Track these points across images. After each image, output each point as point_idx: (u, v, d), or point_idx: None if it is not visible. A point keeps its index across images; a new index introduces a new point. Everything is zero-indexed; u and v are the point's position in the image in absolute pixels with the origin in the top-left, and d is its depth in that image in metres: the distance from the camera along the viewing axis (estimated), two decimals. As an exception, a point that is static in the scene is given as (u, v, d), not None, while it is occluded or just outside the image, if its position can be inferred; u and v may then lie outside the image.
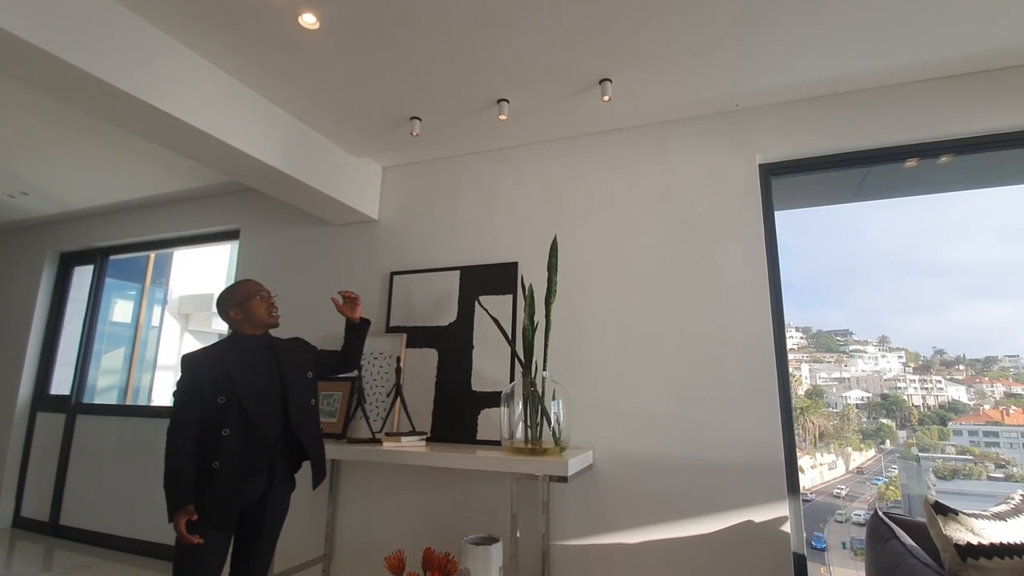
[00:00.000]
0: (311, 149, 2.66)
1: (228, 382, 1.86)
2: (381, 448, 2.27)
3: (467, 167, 2.97)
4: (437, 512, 2.62)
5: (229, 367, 1.88)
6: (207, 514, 1.76)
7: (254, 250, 3.47)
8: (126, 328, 4.80)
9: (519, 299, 2.66)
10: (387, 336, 2.84)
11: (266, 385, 1.93)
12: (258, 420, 1.86)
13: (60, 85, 1.81)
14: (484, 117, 2.54)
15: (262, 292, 2.06)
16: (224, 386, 1.85)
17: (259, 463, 1.88)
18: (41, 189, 3.71)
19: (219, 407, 1.83)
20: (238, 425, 1.83)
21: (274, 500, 1.95)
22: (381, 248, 3.09)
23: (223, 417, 1.83)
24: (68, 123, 2.75)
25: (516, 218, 2.79)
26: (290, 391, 1.96)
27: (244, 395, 1.85)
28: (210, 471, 1.79)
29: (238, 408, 1.84)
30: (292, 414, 1.94)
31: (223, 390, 1.85)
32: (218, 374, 1.87)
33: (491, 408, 2.57)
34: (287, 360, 2.03)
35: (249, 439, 1.84)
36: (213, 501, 1.78)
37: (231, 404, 1.84)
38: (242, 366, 1.91)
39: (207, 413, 1.83)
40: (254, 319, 2.01)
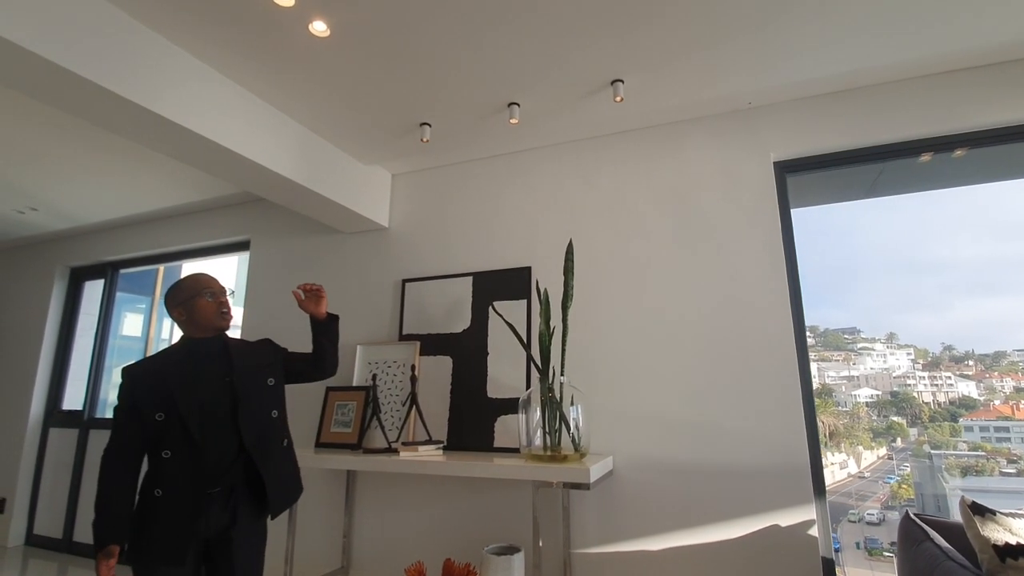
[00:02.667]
0: (321, 158, 2.65)
1: (167, 395, 1.60)
2: (398, 458, 2.24)
3: (478, 172, 2.95)
4: (455, 521, 2.58)
5: (168, 378, 1.62)
6: (151, 550, 1.53)
7: (264, 261, 3.46)
8: (136, 342, 4.79)
9: (534, 304, 2.64)
10: (401, 344, 2.82)
11: (213, 397, 1.64)
12: (204, 438, 1.59)
13: (71, 98, 1.80)
14: (494, 121, 2.52)
15: (211, 288, 1.75)
16: (162, 400, 1.59)
17: (211, 488, 1.59)
18: (51, 205, 3.72)
19: (158, 425, 1.58)
20: (180, 445, 1.58)
21: (241, 532, 1.65)
22: (392, 256, 3.07)
23: (163, 437, 1.58)
24: (76, 138, 2.76)
25: (528, 222, 2.77)
26: (242, 401, 1.67)
27: (184, 410, 1.58)
28: (152, 499, 1.55)
29: (179, 425, 1.58)
30: (244, 429, 1.65)
31: (161, 405, 1.59)
32: (156, 387, 1.61)
33: (508, 415, 2.54)
34: (242, 365, 1.73)
35: (195, 461, 1.58)
36: (158, 534, 1.53)
37: (171, 421, 1.58)
38: (184, 376, 1.64)
39: (146, 433, 1.60)
40: (200, 320, 1.72)
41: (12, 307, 4.54)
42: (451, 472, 2.12)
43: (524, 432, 2.19)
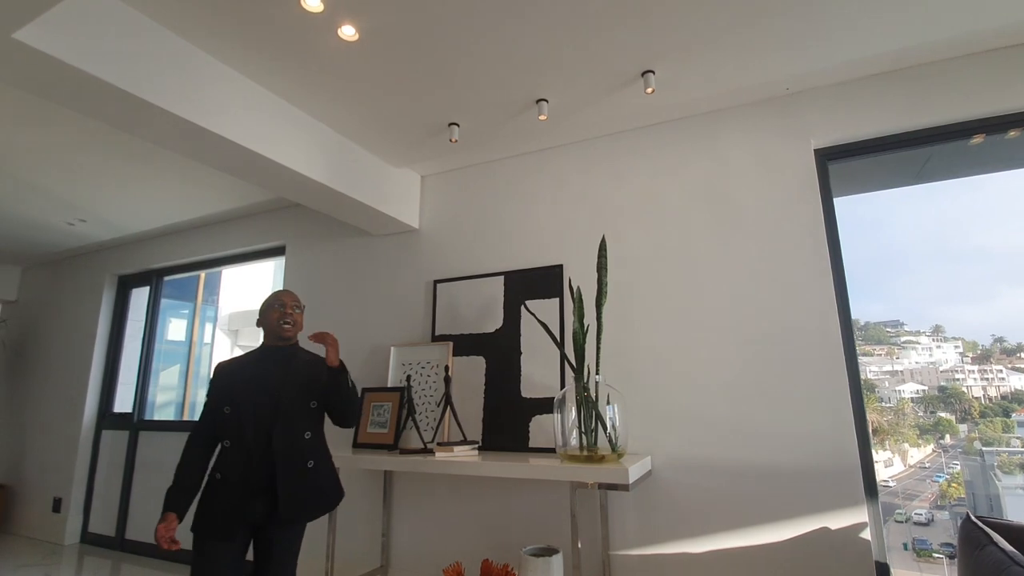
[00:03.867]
0: (352, 162, 2.68)
1: (234, 392, 1.81)
2: (434, 458, 2.24)
3: (507, 171, 2.94)
4: (491, 522, 2.57)
5: (238, 377, 1.84)
6: (208, 525, 1.71)
7: (299, 265, 3.53)
8: (181, 346, 4.97)
9: (566, 302, 2.61)
10: (434, 345, 2.83)
11: (264, 400, 1.81)
12: (253, 436, 1.76)
13: (116, 112, 1.87)
14: (523, 119, 2.50)
15: (282, 300, 1.96)
16: (229, 396, 1.80)
17: (257, 480, 1.75)
18: (98, 216, 3.88)
19: (224, 417, 1.79)
20: (236, 438, 1.76)
21: (280, 524, 1.79)
22: (423, 257, 3.09)
23: (225, 428, 1.79)
24: (122, 151, 2.87)
25: (559, 220, 2.74)
26: (281, 414, 1.81)
27: (241, 407, 1.78)
28: (214, 481, 1.76)
29: (236, 420, 1.77)
30: (275, 440, 1.77)
31: (228, 400, 1.80)
32: (228, 384, 1.83)
33: (543, 415, 2.51)
34: (291, 379, 1.87)
35: (245, 453, 1.75)
36: (216, 511, 1.72)
37: (233, 415, 1.78)
38: (249, 378, 1.84)
39: (217, 422, 1.81)
40: (268, 329, 1.95)
41: (65, 314, 4.76)
42: (487, 473, 2.11)
43: (560, 432, 2.16)
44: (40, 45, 1.49)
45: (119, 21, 1.72)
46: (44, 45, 1.50)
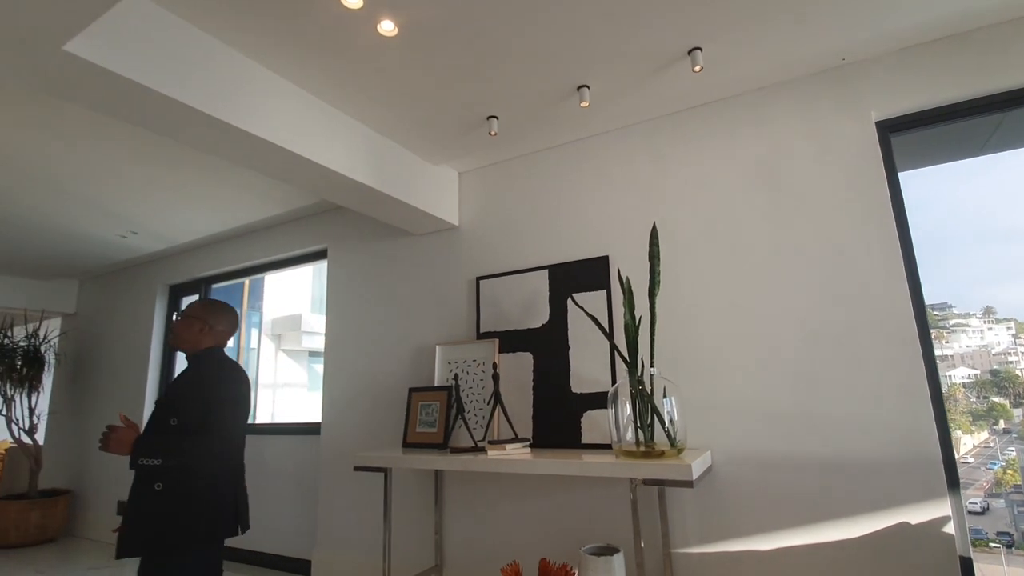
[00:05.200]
0: (392, 161, 2.67)
1: None
2: (486, 457, 2.21)
3: (547, 162, 2.88)
4: (545, 520, 2.53)
5: None
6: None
7: (341, 267, 3.56)
8: (229, 352, 5.09)
9: (614, 294, 2.53)
10: (479, 343, 2.80)
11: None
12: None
13: (163, 119, 1.89)
14: (564, 107, 2.44)
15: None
16: None
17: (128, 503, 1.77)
18: (149, 228, 4.02)
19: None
20: None
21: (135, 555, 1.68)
22: (464, 254, 3.06)
23: None
24: (169, 163, 2.94)
25: (604, 210, 2.67)
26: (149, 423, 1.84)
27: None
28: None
29: None
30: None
31: None
32: None
33: (594, 410, 2.45)
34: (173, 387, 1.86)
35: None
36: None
37: None
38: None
39: None
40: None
41: (121, 325, 4.96)
42: (542, 471, 2.06)
43: (614, 428, 2.09)
44: (90, 56, 1.52)
45: (163, 28, 1.73)
46: (93, 56, 1.52)
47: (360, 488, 3.16)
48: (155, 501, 1.67)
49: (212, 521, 1.73)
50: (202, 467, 1.73)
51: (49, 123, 2.49)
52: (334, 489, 3.27)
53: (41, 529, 4.44)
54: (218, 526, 1.75)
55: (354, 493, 3.18)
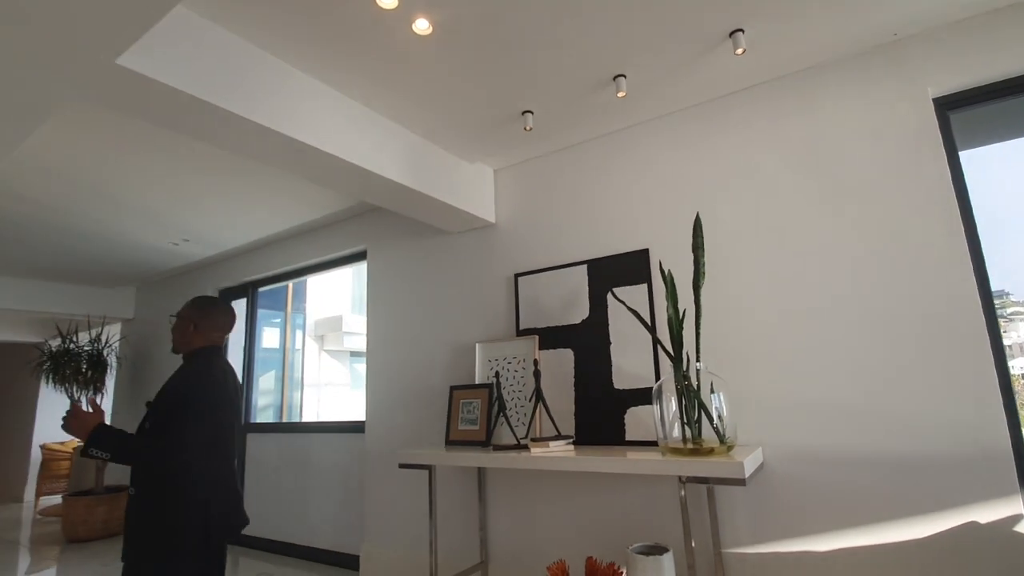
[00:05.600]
0: (427, 160, 2.70)
1: None
2: (529, 455, 2.21)
3: (583, 156, 2.85)
4: (589, 517, 2.51)
5: None
6: None
7: (381, 268, 3.62)
8: (275, 352, 5.27)
9: (655, 287, 2.48)
10: (519, 340, 2.80)
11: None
12: None
13: (209, 128, 1.96)
14: (600, 98, 2.40)
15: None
16: None
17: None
18: (200, 235, 4.18)
19: None
20: None
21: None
22: (502, 251, 3.06)
23: None
24: (217, 172, 3.05)
25: (643, 202, 2.62)
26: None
27: None
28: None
29: None
30: None
31: None
32: None
33: (638, 406, 2.41)
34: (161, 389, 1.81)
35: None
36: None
37: None
38: None
39: None
40: None
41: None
42: (587, 468, 2.04)
43: (660, 424, 2.05)
44: (141, 69, 1.58)
45: (207, 39, 1.79)
46: (144, 68, 1.59)
47: (405, 484, 3.21)
48: (131, 506, 1.66)
49: (185, 529, 1.63)
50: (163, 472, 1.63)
51: (105, 137, 2.62)
52: (380, 486, 3.33)
53: (107, 524, 4.69)
54: (184, 534, 1.63)
55: (399, 489, 3.23)
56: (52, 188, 3.19)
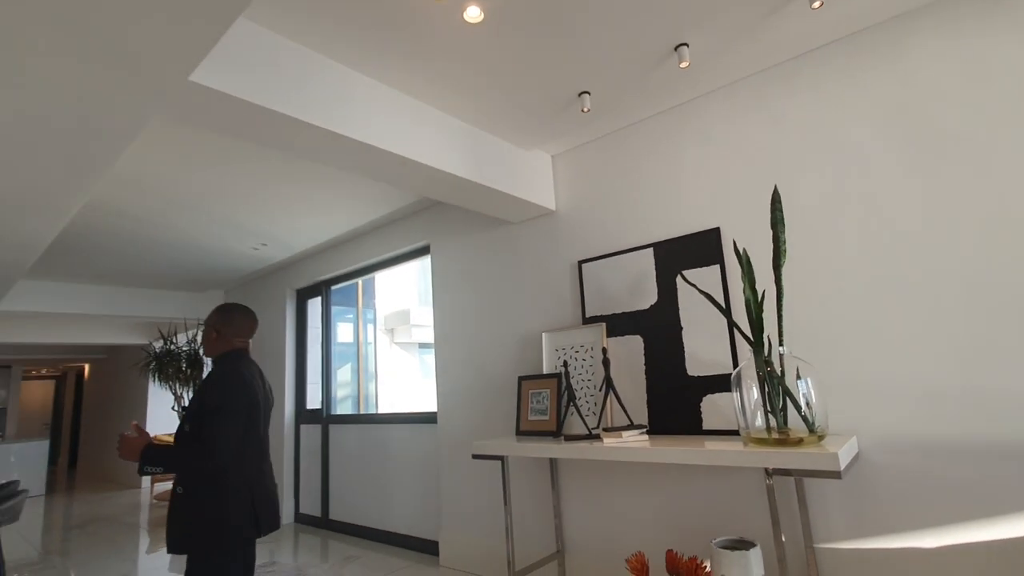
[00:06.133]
0: (485, 151, 2.68)
1: None
2: (602, 445, 2.16)
3: (644, 134, 2.73)
4: (665, 509, 2.43)
5: None
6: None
7: (444, 262, 3.67)
8: (350, 347, 5.49)
9: (729, 268, 2.35)
10: (585, 328, 2.74)
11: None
12: None
13: (280, 136, 2.04)
14: (661, 71, 2.28)
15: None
16: None
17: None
18: (277, 239, 4.42)
19: None
20: None
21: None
22: (563, 239, 3.01)
23: None
24: (289, 179, 3.19)
25: (711, 178, 2.47)
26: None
27: None
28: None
29: None
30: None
31: None
32: None
33: (715, 394, 2.30)
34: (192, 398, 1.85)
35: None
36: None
37: None
38: None
39: None
40: None
41: (261, 325, 5.54)
42: (663, 459, 1.97)
43: (741, 412, 1.94)
44: (213, 84, 1.66)
45: (265, 47, 1.84)
46: (214, 83, 1.66)
47: (479, 473, 3.26)
48: (179, 503, 1.77)
49: (224, 523, 1.74)
50: (206, 472, 1.75)
51: (191, 153, 2.81)
52: (454, 474, 3.40)
53: (213, 507, 5.09)
54: (230, 529, 1.75)
55: (473, 478, 3.29)
56: (147, 203, 3.46)
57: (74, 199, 2.38)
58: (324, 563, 3.62)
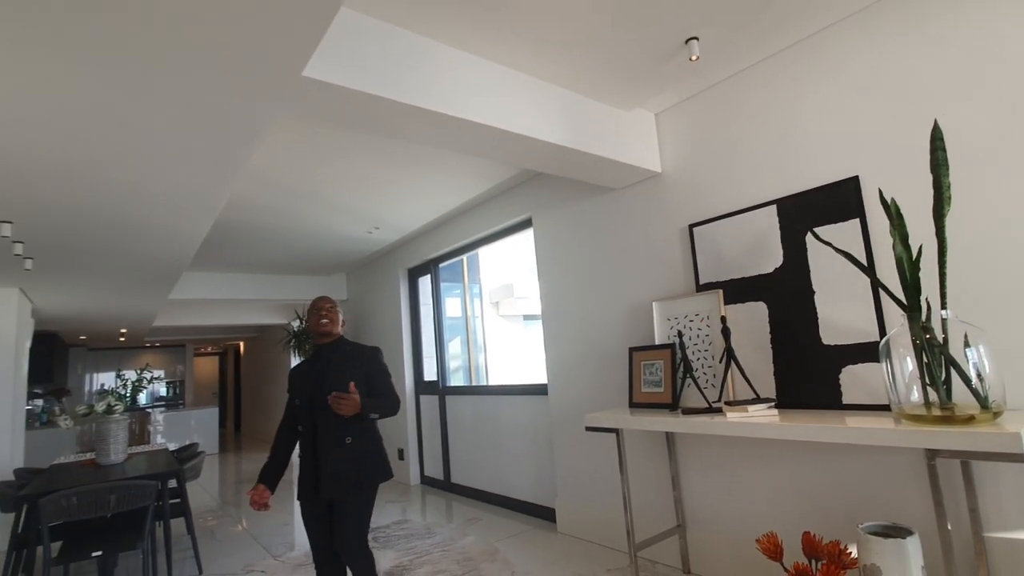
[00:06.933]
0: (585, 116, 2.57)
1: (297, 387, 2.17)
2: (725, 420, 2.03)
3: (761, 78, 2.45)
4: (797, 488, 2.24)
5: (300, 375, 2.19)
6: (298, 490, 2.11)
7: (547, 234, 3.64)
8: (459, 321, 5.70)
9: (871, 222, 2.06)
10: (699, 296, 2.58)
11: (313, 393, 2.11)
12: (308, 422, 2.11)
13: (389, 122, 2.10)
14: (781, 3, 2.01)
15: (318, 305, 2.21)
16: (295, 391, 2.17)
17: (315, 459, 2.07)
18: (388, 222, 4.67)
19: (295, 408, 2.17)
20: (304, 423, 2.12)
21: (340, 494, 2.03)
22: (671, 202, 2.83)
23: (297, 417, 2.16)
24: (395, 163, 3.32)
25: (845, 119, 2.16)
26: (323, 392, 2.08)
27: (301, 399, 2.13)
28: (299, 458, 2.14)
29: (300, 410, 2.14)
30: (318, 425, 2.08)
31: (295, 394, 2.17)
32: (295, 380, 2.20)
33: (857, 364, 2.05)
34: (332, 371, 2.12)
35: (308, 436, 2.10)
36: (299, 480, 2.11)
37: (299, 406, 2.14)
38: (305, 374, 2.18)
39: (291, 411, 2.20)
40: (313, 331, 2.21)
41: (378, 305, 5.95)
42: (799, 437, 1.80)
43: (892, 386, 1.71)
44: (324, 77, 1.73)
45: (366, 33, 1.88)
46: (326, 76, 1.74)
47: (592, 444, 3.26)
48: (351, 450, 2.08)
49: (386, 461, 2.18)
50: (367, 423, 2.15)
51: (308, 147, 3.02)
52: (567, 445, 3.43)
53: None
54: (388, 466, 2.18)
55: (587, 449, 3.29)
56: (277, 197, 3.81)
57: (218, 196, 2.67)
58: (450, 523, 3.87)
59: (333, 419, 2.07)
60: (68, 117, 1.78)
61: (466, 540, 3.45)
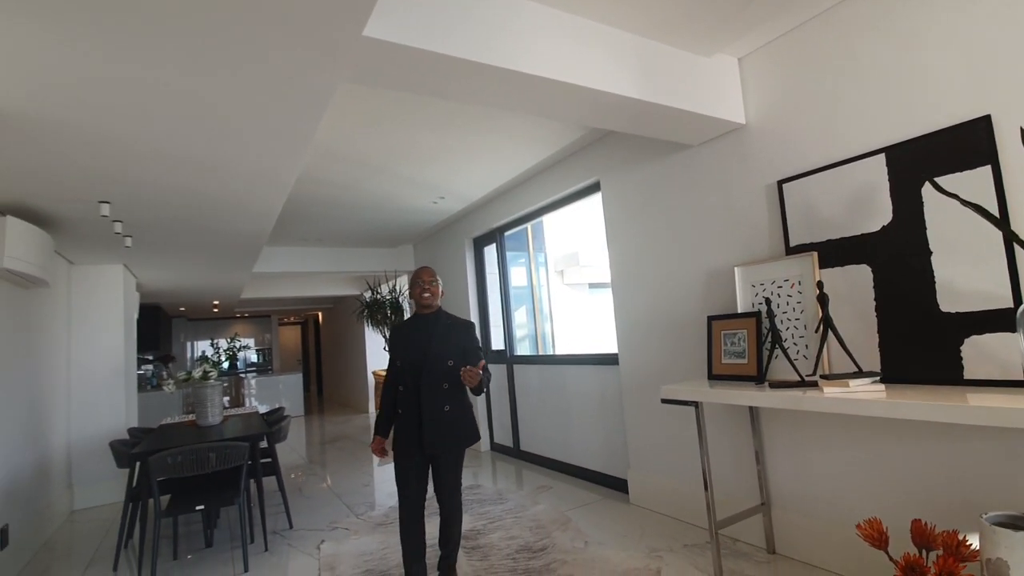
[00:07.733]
0: (659, 64, 2.36)
1: (400, 349, 2.37)
2: (821, 395, 1.85)
3: (864, 8, 2.12)
4: (903, 471, 2.03)
5: (401, 338, 2.40)
6: (397, 446, 2.32)
7: (616, 198, 3.46)
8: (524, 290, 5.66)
9: (1007, 169, 1.75)
10: (789, 259, 2.35)
11: (416, 358, 2.31)
12: (411, 384, 2.30)
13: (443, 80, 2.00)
14: (898, -86, 1.70)
15: (420, 277, 2.39)
16: (398, 352, 2.38)
17: (418, 418, 2.27)
18: (452, 191, 4.64)
19: (397, 368, 2.38)
20: (406, 383, 2.32)
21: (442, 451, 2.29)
22: (756, 156, 2.57)
23: (399, 377, 2.36)
24: (458, 129, 3.25)
25: (972, 50, 1.83)
26: (424, 369, 2.28)
27: (404, 362, 2.33)
28: (398, 415, 2.35)
29: (403, 371, 2.34)
30: (421, 388, 2.27)
31: (399, 355, 2.38)
32: (398, 343, 2.41)
33: (984, 334, 1.79)
34: (434, 341, 2.33)
35: (415, 395, 2.28)
36: (398, 437, 2.33)
37: (402, 367, 2.34)
38: (408, 337, 2.37)
39: (394, 372, 2.40)
40: (415, 300, 2.41)
41: (445, 275, 5.99)
42: (916, 416, 1.60)
43: (1032, 359, 1.47)
44: (385, 36, 1.66)
45: (432, -2, 1.79)
46: (387, 35, 1.66)
47: (666, 416, 3.13)
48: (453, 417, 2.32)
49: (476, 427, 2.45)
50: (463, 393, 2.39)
51: (370, 118, 3.00)
52: (640, 416, 3.33)
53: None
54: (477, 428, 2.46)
55: (660, 420, 3.17)
56: (344, 170, 3.86)
57: (290, 171, 2.72)
58: (520, 490, 3.91)
59: (437, 385, 2.29)
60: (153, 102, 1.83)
61: (537, 508, 3.46)
